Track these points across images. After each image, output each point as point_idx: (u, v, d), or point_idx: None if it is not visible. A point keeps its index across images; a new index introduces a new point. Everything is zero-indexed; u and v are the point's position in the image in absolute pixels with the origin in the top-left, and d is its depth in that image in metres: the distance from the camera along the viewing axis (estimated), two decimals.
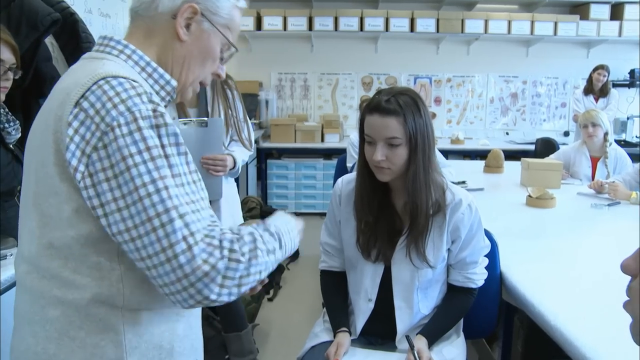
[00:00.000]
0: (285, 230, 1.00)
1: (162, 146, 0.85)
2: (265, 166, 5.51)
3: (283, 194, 5.57)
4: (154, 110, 0.86)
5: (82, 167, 0.84)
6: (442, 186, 1.55)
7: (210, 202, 2.09)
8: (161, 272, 0.83)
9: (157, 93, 1.00)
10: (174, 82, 1.02)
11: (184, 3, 0.97)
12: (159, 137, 0.86)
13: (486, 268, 1.68)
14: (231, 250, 0.86)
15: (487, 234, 1.72)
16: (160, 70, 1.00)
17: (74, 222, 0.88)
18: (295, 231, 1.04)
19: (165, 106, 1.05)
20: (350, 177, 1.67)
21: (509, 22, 5.58)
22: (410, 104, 1.43)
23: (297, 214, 5.27)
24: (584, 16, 5.65)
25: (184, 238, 0.83)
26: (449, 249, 1.60)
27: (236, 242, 0.88)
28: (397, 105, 1.42)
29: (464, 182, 3.21)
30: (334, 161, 5.21)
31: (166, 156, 0.85)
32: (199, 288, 0.83)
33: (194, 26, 1.00)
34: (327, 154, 5.60)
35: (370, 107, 1.46)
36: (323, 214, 5.49)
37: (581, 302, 1.57)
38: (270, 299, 3.52)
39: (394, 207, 1.59)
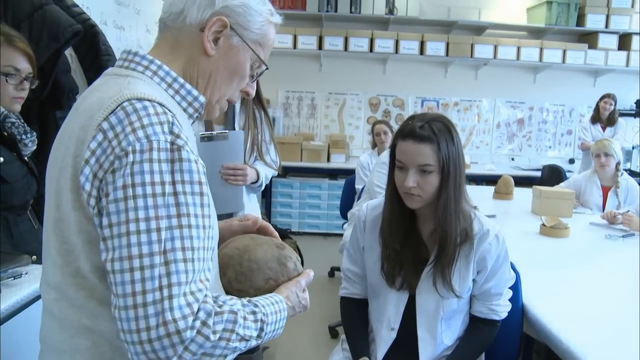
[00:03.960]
0: (274, 320, 0.90)
1: (173, 183, 0.80)
2: (270, 184, 5.44)
3: (287, 213, 5.53)
4: (172, 143, 0.81)
5: (95, 192, 0.80)
6: (470, 215, 1.52)
7: (230, 214, 2.06)
8: (123, 316, 0.76)
9: (185, 110, 0.95)
10: (202, 99, 0.97)
11: (213, 16, 0.92)
12: (172, 172, 0.80)
13: (509, 300, 1.63)
14: (204, 323, 0.78)
15: (511, 265, 1.68)
16: (188, 86, 0.95)
17: (87, 254, 0.83)
18: (283, 322, 0.93)
19: (193, 122, 1.01)
20: (376, 202, 1.64)
21: (518, 49, 5.60)
22: (443, 130, 1.41)
23: (301, 234, 5.29)
24: (592, 45, 5.69)
25: (160, 288, 0.76)
26: (474, 280, 1.56)
27: (213, 316, 0.80)
28: (431, 131, 1.40)
29: (475, 207, 3.16)
30: (340, 181, 5.18)
31: (175, 194, 0.79)
32: (156, 348, 0.75)
33: (222, 40, 0.95)
34: (333, 174, 5.55)
35: (404, 133, 1.43)
36: (327, 234, 5.46)
37: (610, 339, 1.53)
38: None
39: (420, 235, 1.56)
